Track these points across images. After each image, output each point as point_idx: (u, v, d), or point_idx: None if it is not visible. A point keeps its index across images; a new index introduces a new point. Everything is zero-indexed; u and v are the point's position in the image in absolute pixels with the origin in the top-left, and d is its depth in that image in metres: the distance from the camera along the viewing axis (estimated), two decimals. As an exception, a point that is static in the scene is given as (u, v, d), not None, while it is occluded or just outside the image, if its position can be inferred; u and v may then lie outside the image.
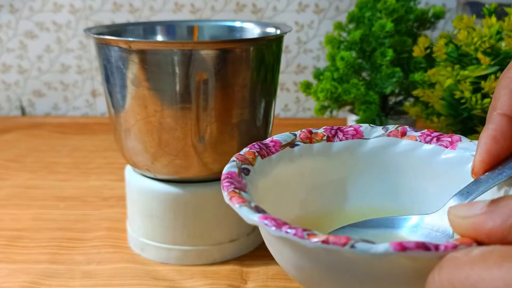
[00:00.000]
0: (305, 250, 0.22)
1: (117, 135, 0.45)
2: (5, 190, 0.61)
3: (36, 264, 0.45)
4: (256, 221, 0.22)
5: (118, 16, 0.86)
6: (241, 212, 0.23)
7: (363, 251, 0.19)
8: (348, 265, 0.21)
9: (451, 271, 0.17)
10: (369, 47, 0.57)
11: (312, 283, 0.24)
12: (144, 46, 0.38)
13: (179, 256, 0.45)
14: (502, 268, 0.16)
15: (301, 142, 0.31)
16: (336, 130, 0.32)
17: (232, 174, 0.26)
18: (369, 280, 0.21)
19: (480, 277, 0.16)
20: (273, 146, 0.30)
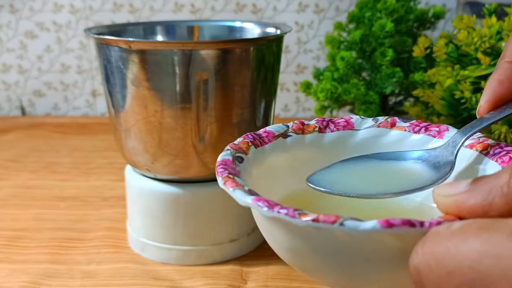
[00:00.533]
0: (297, 230, 0.22)
1: (117, 135, 0.45)
2: (5, 190, 0.61)
3: (36, 264, 0.45)
4: (249, 203, 0.23)
5: (118, 16, 0.86)
6: (235, 195, 0.24)
7: (351, 228, 0.20)
8: (338, 244, 0.22)
9: (432, 245, 0.18)
10: (369, 47, 0.57)
11: (304, 264, 0.25)
12: (144, 46, 0.38)
13: (179, 256, 0.45)
14: (478, 239, 0.16)
15: (293, 133, 0.32)
16: (327, 122, 0.33)
17: (226, 161, 0.28)
18: (359, 261, 0.22)
19: (458, 248, 0.17)
20: (266, 137, 0.31)
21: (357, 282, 0.24)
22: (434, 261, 0.17)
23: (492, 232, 0.16)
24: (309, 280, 0.42)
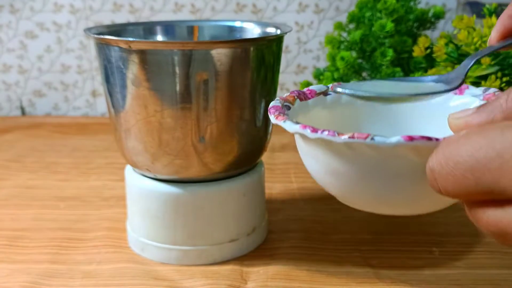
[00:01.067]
0: (336, 149, 0.27)
1: (117, 135, 0.45)
2: (5, 190, 0.61)
3: (37, 264, 0.45)
4: (298, 129, 0.28)
5: (118, 16, 0.86)
6: (285, 125, 0.29)
7: (380, 142, 0.24)
8: (369, 161, 0.26)
9: (443, 148, 0.21)
10: (369, 47, 0.57)
11: (340, 184, 0.29)
12: (144, 46, 0.38)
13: (179, 256, 0.45)
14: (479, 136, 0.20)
15: (332, 92, 0.37)
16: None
17: (276, 107, 0.33)
18: (386, 177, 0.26)
19: (463, 145, 0.21)
20: (309, 94, 0.36)
21: (384, 200, 0.28)
22: (444, 159, 0.21)
23: (490, 129, 0.20)
24: (308, 280, 0.42)
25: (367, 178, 0.27)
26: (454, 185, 0.21)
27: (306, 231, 0.50)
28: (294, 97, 0.35)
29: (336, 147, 0.27)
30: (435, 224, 0.52)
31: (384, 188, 0.27)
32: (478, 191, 0.20)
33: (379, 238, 0.49)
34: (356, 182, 0.28)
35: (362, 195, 0.29)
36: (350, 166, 0.27)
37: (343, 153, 0.27)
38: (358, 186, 0.28)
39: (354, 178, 0.27)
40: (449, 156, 0.21)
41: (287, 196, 0.59)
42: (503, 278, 0.42)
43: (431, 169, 0.22)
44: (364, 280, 0.42)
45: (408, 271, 0.44)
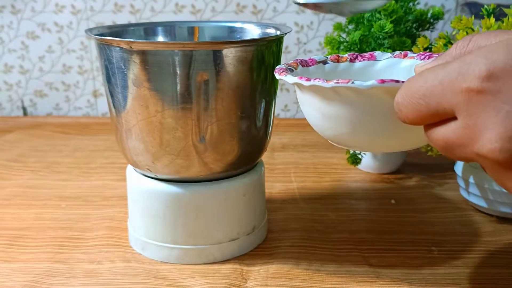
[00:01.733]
0: (327, 93, 0.32)
1: (118, 135, 0.45)
2: (7, 190, 0.61)
3: (38, 263, 0.45)
4: (296, 80, 0.33)
5: (119, 17, 0.86)
6: (286, 78, 0.34)
7: (358, 85, 0.30)
8: (353, 103, 0.31)
9: (405, 84, 0.27)
10: (369, 47, 0.57)
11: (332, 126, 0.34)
12: (145, 47, 0.39)
13: (180, 255, 0.45)
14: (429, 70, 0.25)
15: (331, 61, 0.41)
16: (357, 55, 0.42)
17: (281, 68, 0.37)
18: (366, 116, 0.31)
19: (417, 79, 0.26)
20: (310, 62, 0.41)
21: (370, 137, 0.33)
22: (404, 92, 0.26)
23: (436, 66, 0.25)
24: (308, 279, 0.43)
25: (353, 118, 0.32)
26: (412, 112, 0.26)
27: (306, 231, 0.51)
28: (297, 63, 0.39)
29: (326, 93, 0.32)
30: (434, 224, 0.52)
31: (366, 127, 0.32)
32: (429, 113, 0.25)
33: (379, 237, 0.49)
34: (345, 123, 0.33)
35: (351, 134, 0.33)
36: (339, 108, 0.32)
37: (332, 98, 0.32)
38: (346, 126, 0.33)
39: (343, 119, 0.32)
40: (408, 89, 0.26)
41: (287, 195, 0.59)
42: (501, 277, 0.43)
43: (396, 102, 0.27)
44: (363, 279, 0.43)
45: (407, 270, 0.44)
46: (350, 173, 0.65)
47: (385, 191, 0.60)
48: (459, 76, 0.24)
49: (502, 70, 0.22)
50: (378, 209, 0.56)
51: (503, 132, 0.23)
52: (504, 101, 0.22)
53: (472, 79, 0.23)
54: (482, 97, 0.23)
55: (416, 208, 0.56)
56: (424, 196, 0.59)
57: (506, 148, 0.23)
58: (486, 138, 0.23)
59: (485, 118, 0.23)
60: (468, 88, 0.23)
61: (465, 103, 0.24)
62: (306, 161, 0.70)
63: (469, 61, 0.24)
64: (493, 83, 0.23)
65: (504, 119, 0.22)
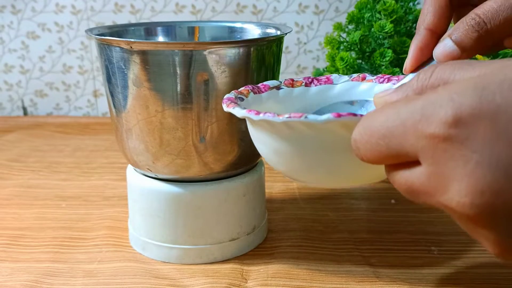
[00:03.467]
0: (278, 129, 0.30)
1: (118, 135, 0.45)
2: (7, 190, 0.61)
3: (38, 263, 0.45)
4: (244, 113, 0.31)
5: (120, 17, 0.86)
6: (234, 111, 0.32)
7: (312, 119, 0.28)
8: (306, 138, 0.29)
9: (362, 121, 0.25)
10: (369, 47, 0.57)
11: (284, 162, 0.32)
12: (146, 47, 0.39)
13: (180, 255, 0.45)
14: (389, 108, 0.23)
15: (285, 86, 0.40)
16: (312, 79, 0.41)
17: (230, 98, 0.35)
18: (322, 151, 0.30)
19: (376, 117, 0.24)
20: (263, 88, 0.39)
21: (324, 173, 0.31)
22: (363, 129, 0.24)
23: (398, 103, 0.23)
24: (308, 279, 0.43)
25: (306, 154, 0.30)
26: (371, 152, 0.24)
27: (306, 230, 0.51)
28: (248, 90, 0.38)
29: (277, 128, 0.30)
30: (434, 223, 0.52)
31: (322, 162, 0.31)
32: (390, 155, 0.23)
33: (378, 237, 0.49)
34: (298, 159, 0.31)
35: (304, 170, 0.32)
36: (291, 144, 0.30)
37: (284, 133, 0.30)
38: (299, 162, 0.31)
39: (296, 154, 0.31)
40: (367, 127, 0.24)
41: (287, 195, 0.59)
42: (501, 277, 0.43)
43: (354, 140, 0.25)
44: (363, 279, 0.43)
45: (407, 270, 0.44)
46: (350, 173, 0.65)
47: (385, 191, 0.60)
48: (423, 119, 0.21)
49: (470, 115, 0.20)
50: (378, 209, 0.56)
51: (472, 185, 0.20)
52: (473, 150, 0.20)
53: (437, 124, 0.21)
54: (449, 144, 0.21)
55: (416, 208, 0.56)
56: (424, 196, 0.58)
57: (476, 204, 0.20)
58: (454, 190, 0.21)
59: (452, 168, 0.21)
60: (433, 134, 0.21)
61: (429, 150, 0.21)
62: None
63: (434, 101, 0.21)
64: (460, 130, 0.20)
65: (474, 170, 0.20)
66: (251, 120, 0.31)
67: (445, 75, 0.24)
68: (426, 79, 0.25)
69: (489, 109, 0.20)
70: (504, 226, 0.21)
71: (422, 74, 0.25)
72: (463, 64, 0.24)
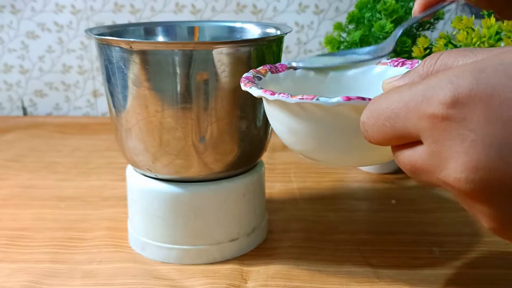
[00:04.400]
0: (291, 108, 0.31)
1: (118, 135, 0.45)
2: (6, 190, 0.61)
3: (37, 264, 0.45)
4: (260, 93, 0.32)
5: (119, 17, 0.86)
6: (251, 90, 0.33)
7: (323, 101, 0.29)
8: (318, 118, 0.31)
9: (370, 105, 0.26)
10: (369, 47, 0.57)
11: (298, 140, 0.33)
12: (145, 47, 0.39)
13: (180, 256, 0.45)
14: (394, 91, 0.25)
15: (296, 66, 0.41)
16: None
17: (248, 77, 0.36)
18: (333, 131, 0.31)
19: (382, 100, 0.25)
20: (280, 67, 0.40)
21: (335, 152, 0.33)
22: (370, 112, 0.26)
23: (402, 87, 0.25)
24: (308, 279, 0.42)
25: (318, 133, 0.32)
26: (378, 133, 0.25)
27: (306, 231, 0.51)
28: (266, 70, 0.39)
29: (291, 108, 0.31)
30: (435, 224, 0.52)
31: (333, 142, 0.32)
32: (395, 136, 0.25)
33: (379, 237, 0.49)
34: (310, 138, 0.32)
35: (318, 149, 0.33)
36: (304, 123, 0.32)
37: (298, 113, 0.31)
38: (313, 141, 0.32)
39: (308, 134, 0.32)
40: (374, 110, 0.25)
41: (287, 196, 0.59)
42: (502, 278, 0.42)
43: (362, 122, 0.26)
44: (364, 280, 0.42)
45: (408, 270, 0.44)
46: (351, 174, 0.65)
47: (385, 191, 0.60)
48: (424, 100, 0.23)
49: (467, 97, 0.22)
50: (378, 210, 0.55)
51: (468, 162, 0.22)
52: (470, 128, 0.22)
53: (436, 105, 0.22)
54: (447, 124, 0.22)
55: (417, 208, 0.55)
56: (425, 196, 0.58)
57: (471, 179, 0.22)
58: (451, 167, 0.22)
59: (450, 146, 0.22)
60: (433, 114, 0.22)
61: (430, 129, 0.23)
62: (306, 161, 0.69)
63: (434, 84, 0.23)
64: (458, 110, 0.22)
65: (469, 148, 0.22)
66: (266, 99, 0.33)
67: (449, 61, 0.26)
68: (432, 65, 0.27)
69: (485, 91, 0.22)
70: (499, 201, 0.22)
71: (428, 60, 0.27)
72: (466, 51, 0.26)
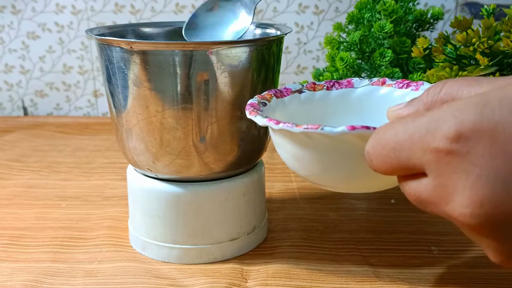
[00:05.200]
0: (296, 137, 0.32)
1: (118, 135, 0.45)
2: (7, 190, 0.61)
3: (38, 263, 0.45)
4: (265, 122, 0.33)
5: (120, 17, 0.86)
6: (256, 119, 0.34)
7: (328, 131, 0.30)
8: (323, 146, 0.31)
9: (375, 135, 0.26)
10: (369, 47, 0.57)
11: (304, 167, 0.34)
12: (146, 47, 0.39)
13: (180, 255, 0.45)
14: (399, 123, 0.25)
15: (307, 90, 0.42)
16: (334, 82, 0.42)
17: (253, 104, 0.37)
18: (338, 159, 0.32)
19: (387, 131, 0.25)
20: (285, 91, 0.41)
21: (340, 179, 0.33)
22: (375, 143, 0.26)
23: (407, 118, 0.25)
24: (308, 278, 0.43)
25: (324, 160, 0.32)
26: (383, 164, 0.26)
27: (306, 230, 0.51)
28: (271, 95, 0.39)
29: (297, 136, 0.32)
30: (433, 223, 0.52)
31: (339, 169, 0.32)
32: (400, 167, 0.25)
33: (378, 237, 0.50)
34: (316, 165, 0.33)
35: (323, 175, 0.34)
36: (310, 151, 0.32)
37: (303, 141, 0.32)
38: (318, 168, 0.33)
39: (314, 161, 0.33)
40: (379, 140, 0.26)
41: (287, 195, 0.59)
42: (501, 277, 0.43)
43: (367, 152, 0.27)
44: (363, 279, 0.43)
45: (407, 269, 0.44)
46: (350, 173, 0.65)
47: (385, 191, 0.60)
48: (428, 133, 0.23)
49: (471, 131, 0.22)
50: (378, 209, 0.56)
51: (473, 196, 0.22)
52: (474, 163, 0.22)
53: (440, 139, 0.22)
54: (451, 158, 0.22)
55: (416, 207, 0.55)
56: (424, 196, 0.59)
57: (477, 214, 0.22)
58: (456, 201, 0.22)
59: (455, 180, 0.22)
60: (437, 148, 0.23)
61: (434, 163, 0.23)
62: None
63: (438, 117, 0.23)
64: (462, 144, 0.22)
65: (474, 183, 0.22)
66: (272, 128, 0.33)
67: (453, 91, 0.26)
68: (436, 94, 0.27)
69: (488, 125, 0.22)
70: (504, 235, 0.22)
71: (433, 89, 0.27)
72: (471, 81, 0.26)
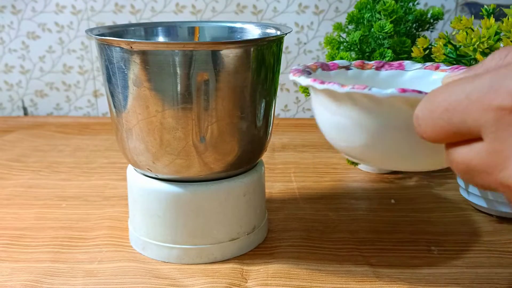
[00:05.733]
0: (340, 99, 0.30)
1: (118, 135, 0.45)
2: (7, 190, 0.61)
3: (38, 263, 0.45)
4: (308, 82, 0.31)
5: (120, 17, 0.86)
6: (299, 79, 0.32)
7: (376, 92, 0.27)
8: (368, 111, 0.29)
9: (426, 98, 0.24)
10: (369, 47, 0.57)
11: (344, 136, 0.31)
12: (146, 47, 0.39)
13: (180, 255, 0.45)
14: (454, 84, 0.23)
15: (354, 67, 0.39)
16: (384, 63, 0.40)
17: (298, 69, 0.35)
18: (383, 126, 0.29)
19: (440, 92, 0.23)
20: (332, 66, 0.39)
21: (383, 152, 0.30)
22: (425, 105, 0.24)
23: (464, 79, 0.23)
24: (308, 278, 0.43)
25: (368, 129, 0.30)
26: (431, 128, 0.23)
27: (306, 230, 0.51)
28: (317, 66, 0.37)
29: (340, 99, 0.30)
30: (434, 224, 0.52)
31: (381, 139, 0.30)
32: (451, 131, 0.23)
33: (378, 237, 0.50)
34: (359, 134, 0.30)
35: (364, 147, 0.31)
36: (352, 117, 0.30)
37: (347, 105, 0.30)
38: (360, 137, 0.30)
39: (356, 129, 0.30)
40: (429, 103, 0.24)
41: (287, 195, 0.59)
42: (501, 277, 0.43)
43: (416, 116, 0.24)
44: (363, 279, 0.43)
45: (407, 269, 0.44)
46: (350, 173, 0.65)
47: (385, 191, 0.60)
48: (491, 91, 0.21)
49: None
50: (378, 209, 0.56)
51: None
52: None
53: (506, 96, 0.20)
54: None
55: (416, 208, 0.56)
56: (424, 196, 0.59)
57: None
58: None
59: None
60: (500, 105, 0.20)
61: (494, 123, 0.20)
62: (306, 161, 0.70)
63: (504, 75, 0.20)
64: None
65: None
66: (315, 89, 0.31)
67: None
68: (501, 58, 0.24)
69: None
70: None
71: (498, 53, 0.25)
72: None
